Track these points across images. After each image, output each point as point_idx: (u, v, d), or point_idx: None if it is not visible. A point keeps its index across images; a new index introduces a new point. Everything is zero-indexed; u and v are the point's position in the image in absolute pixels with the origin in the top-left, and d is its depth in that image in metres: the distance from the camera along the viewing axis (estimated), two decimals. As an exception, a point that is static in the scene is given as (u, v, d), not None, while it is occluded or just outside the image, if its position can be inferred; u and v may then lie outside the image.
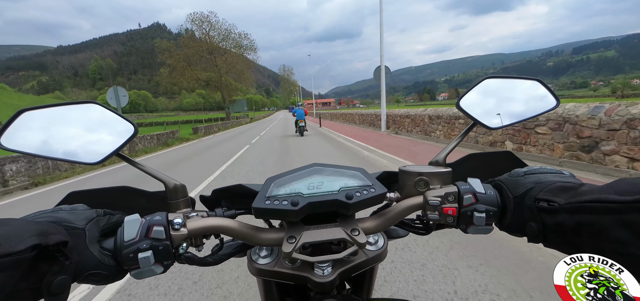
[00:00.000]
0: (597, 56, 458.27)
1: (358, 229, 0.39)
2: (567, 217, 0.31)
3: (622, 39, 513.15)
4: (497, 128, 0.47)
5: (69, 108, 0.41)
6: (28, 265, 0.26)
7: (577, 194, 0.32)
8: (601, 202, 0.29)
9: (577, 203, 0.31)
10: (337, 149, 8.64)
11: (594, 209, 0.29)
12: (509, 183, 0.39)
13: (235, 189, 0.46)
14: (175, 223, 0.36)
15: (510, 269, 1.96)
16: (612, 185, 0.30)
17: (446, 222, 0.40)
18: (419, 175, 0.42)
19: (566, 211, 0.32)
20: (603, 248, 0.29)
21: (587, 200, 0.30)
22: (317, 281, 0.38)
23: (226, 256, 0.46)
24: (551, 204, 0.33)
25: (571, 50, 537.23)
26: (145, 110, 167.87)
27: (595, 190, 0.31)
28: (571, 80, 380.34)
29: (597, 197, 0.30)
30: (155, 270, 0.35)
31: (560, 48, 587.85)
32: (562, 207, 0.32)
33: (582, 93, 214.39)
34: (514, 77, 0.49)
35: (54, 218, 0.32)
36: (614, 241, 0.28)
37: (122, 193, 0.44)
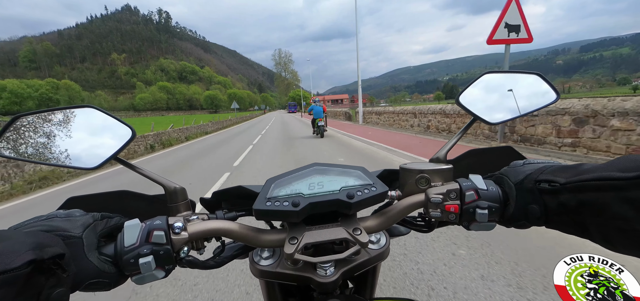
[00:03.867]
0: (611, 53, 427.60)
1: (360, 228, 0.39)
2: (569, 197, 0.31)
3: (632, 36, 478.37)
4: (497, 123, 0.47)
5: (66, 113, 0.40)
6: (24, 281, 0.25)
7: (578, 173, 0.31)
8: (603, 179, 0.28)
9: (579, 182, 0.30)
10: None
11: (596, 187, 0.29)
12: (510, 173, 0.38)
13: (236, 191, 0.46)
14: (176, 227, 0.36)
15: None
16: (614, 163, 0.29)
17: (448, 219, 0.39)
18: (420, 173, 0.42)
19: (568, 190, 0.31)
20: (606, 225, 0.28)
21: (589, 178, 0.30)
22: (320, 282, 0.38)
23: (228, 259, 0.45)
24: (552, 184, 0.33)
25: (579, 48, 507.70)
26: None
27: (597, 168, 0.30)
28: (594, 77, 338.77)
29: (599, 174, 0.29)
30: (157, 275, 0.35)
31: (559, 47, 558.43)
32: (564, 186, 0.31)
33: (623, 91, 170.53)
34: (513, 72, 0.48)
35: (49, 227, 0.31)
36: (617, 218, 0.28)
37: (122, 197, 0.43)
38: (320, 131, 10.60)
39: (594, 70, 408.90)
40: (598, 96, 5.21)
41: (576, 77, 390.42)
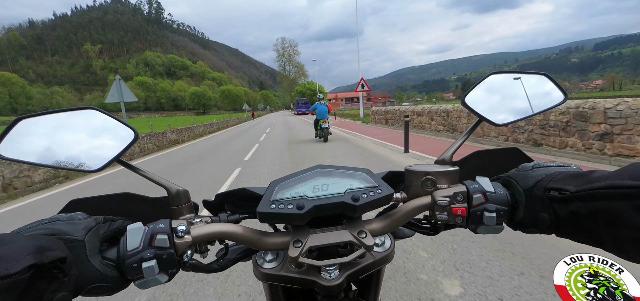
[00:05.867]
0: (630, 50, 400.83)
1: (365, 231, 0.38)
2: (580, 205, 0.30)
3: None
4: (503, 124, 0.46)
5: (68, 115, 0.40)
6: (25, 286, 0.25)
7: (589, 181, 0.30)
8: (614, 187, 0.28)
9: (590, 190, 0.29)
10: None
11: (608, 195, 0.28)
12: (518, 177, 0.37)
13: (239, 193, 0.46)
14: (179, 231, 0.36)
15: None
16: (625, 170, 0.29)
17: (455, 222, 0.39)
18: (426, 175, 0.41)
19: (579, 199, 0.30)
20: (620, 235, 0.28)
21: (601, 186, 0.29)
22: (324, 285, 0.37)
23: (231, 262, 0.45)
24: (562, 192, 0.32)
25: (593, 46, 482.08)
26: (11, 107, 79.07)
27: (608, 176, 0.29)
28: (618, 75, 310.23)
29: (610, 182, 0.28)
30: (160, 279, 0.34)
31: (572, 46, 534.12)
32: (575, 194, 0.31)
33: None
34: (520, 72, 0.48)
35: (51, 230, 0.31)
36: (631, 227, 0.27)
37: (124, 199, 0.43)
38: (324, 134, 9.68)
39: (612, 68, 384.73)
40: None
41: (593, 75, 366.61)
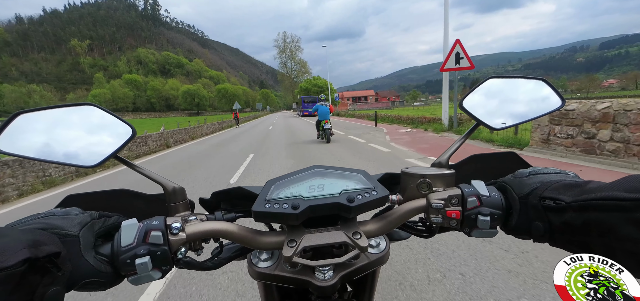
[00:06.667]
0: (637, 49, 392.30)
1: (359, 232, 0.39)
2: (575, 216, 0.30)
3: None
4: (500, 129, 0.47)
5: (66, 111, 0.40)
6: (18, 279, 0.25)
7: (583, 191, 0.31)
8: (610, 199, 0.28)
9: (585, 201, 0.30)
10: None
11: (602, 207, 0.28)
12: (514, 183, 0.38)
13: (235, 192, 0.46)
14: (174, 228, 0.36)
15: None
16: (621, 182, 0.29)
17: (449, 225, 0.39)
18: (421, 177, 0.41)
19: (573, 209, 0.31)
20: (613, 247, 0.28)
21: (595, 197, 0.29)
22: (318, 286, 0.38)
23: (226, 260, 0.45)
24: (557, 202, 0.32)
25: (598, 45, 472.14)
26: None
27: (603, 187, 0.30)
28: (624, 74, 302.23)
29: (605, 194, 0.29)
30: (153, 275, 0.34)
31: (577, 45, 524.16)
32: (569, 204, 0.31)
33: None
34: (518, 77, 0.48)
35: (46, 225, 0.31)
36: (624, 239, 0.27)
37: (120, 196, 0.43)
38: (326, 135, 9.70)
39: (620, 68, 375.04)
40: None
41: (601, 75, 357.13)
